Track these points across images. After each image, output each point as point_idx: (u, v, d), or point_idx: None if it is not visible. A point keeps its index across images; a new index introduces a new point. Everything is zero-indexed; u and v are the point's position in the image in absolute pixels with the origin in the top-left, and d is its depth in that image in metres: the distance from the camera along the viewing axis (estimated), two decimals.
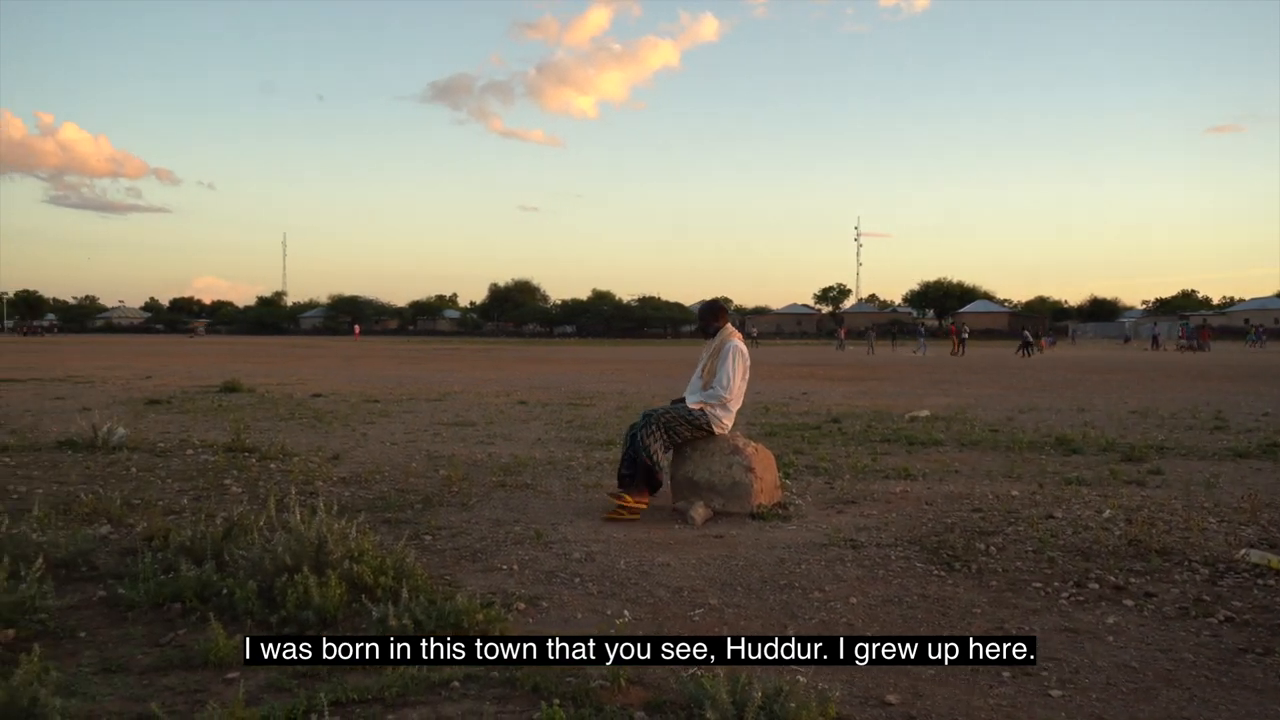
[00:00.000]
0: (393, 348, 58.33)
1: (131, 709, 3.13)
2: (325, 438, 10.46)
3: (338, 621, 3.99)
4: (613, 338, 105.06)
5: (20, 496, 6.73)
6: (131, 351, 45.34)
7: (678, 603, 4.42)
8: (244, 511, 5.40)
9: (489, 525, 6.00)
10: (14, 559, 4.30)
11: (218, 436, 10.18)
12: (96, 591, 4.49)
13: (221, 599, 4.18)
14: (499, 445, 9.98)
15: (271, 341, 76.42)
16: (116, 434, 9.41)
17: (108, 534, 5.57)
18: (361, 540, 4.45)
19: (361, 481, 7.58)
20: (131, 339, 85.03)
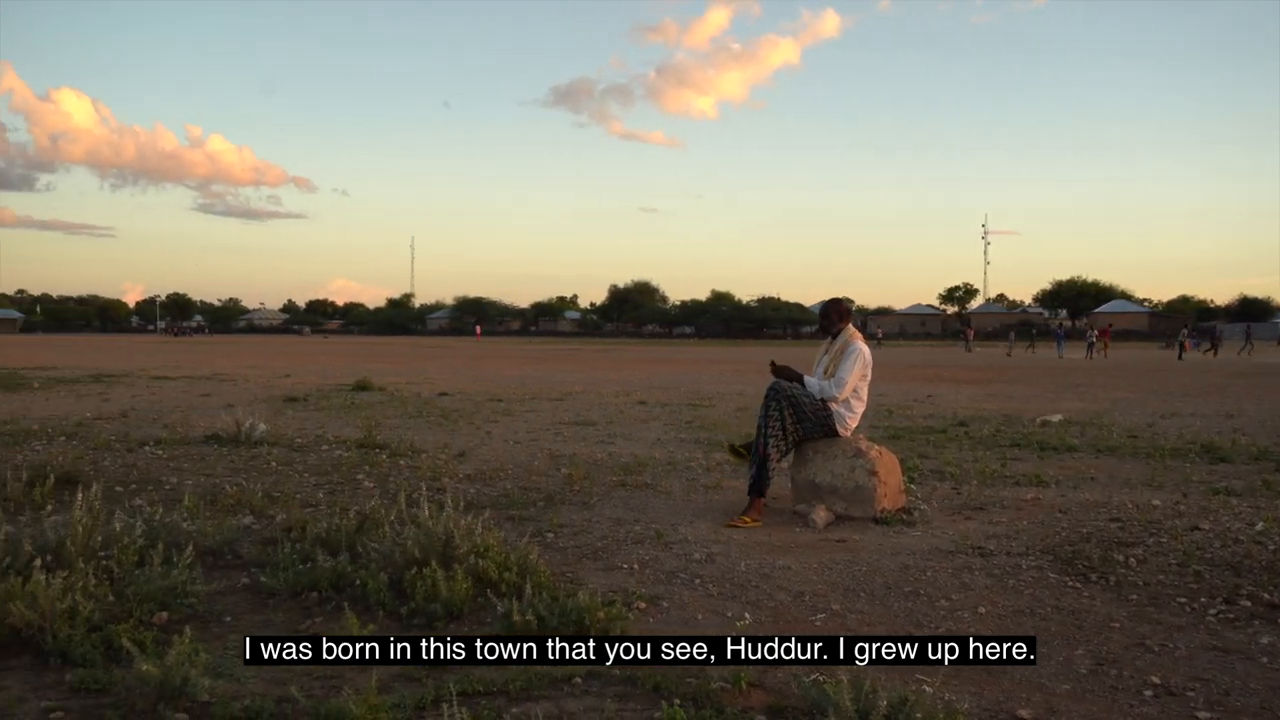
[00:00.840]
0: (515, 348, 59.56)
1: (273, 691, 3.28)
2: (451, 435, 10.74)
3: (464, 615, 4.09)
4: (732, 338, 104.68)
5: (172, 487, 7.13)
6: (270, 351, 47.57)
7: (799, 607, 4.37)
8: (375, 506, 5.59)
9: (610, 524, 6.05)
10: (167, 546, 4.57)
11: (350, 433, 10.58)
12: (240, 579, 4.73)
13: (355, 589, 4.34)
14: (619, 445, 10.06)
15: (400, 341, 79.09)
16: (258, 430, 9.89)
17: (250, 524, 5.86)
18: (487, 536, 4.56)
19: (486, 479, 7.76)
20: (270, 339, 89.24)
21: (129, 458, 8.68)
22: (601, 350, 56.42)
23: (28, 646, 3.64)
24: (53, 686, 3.35)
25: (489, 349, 56.86)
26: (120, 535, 4.63)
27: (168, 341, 72.81)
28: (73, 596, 3.79)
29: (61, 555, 4.30)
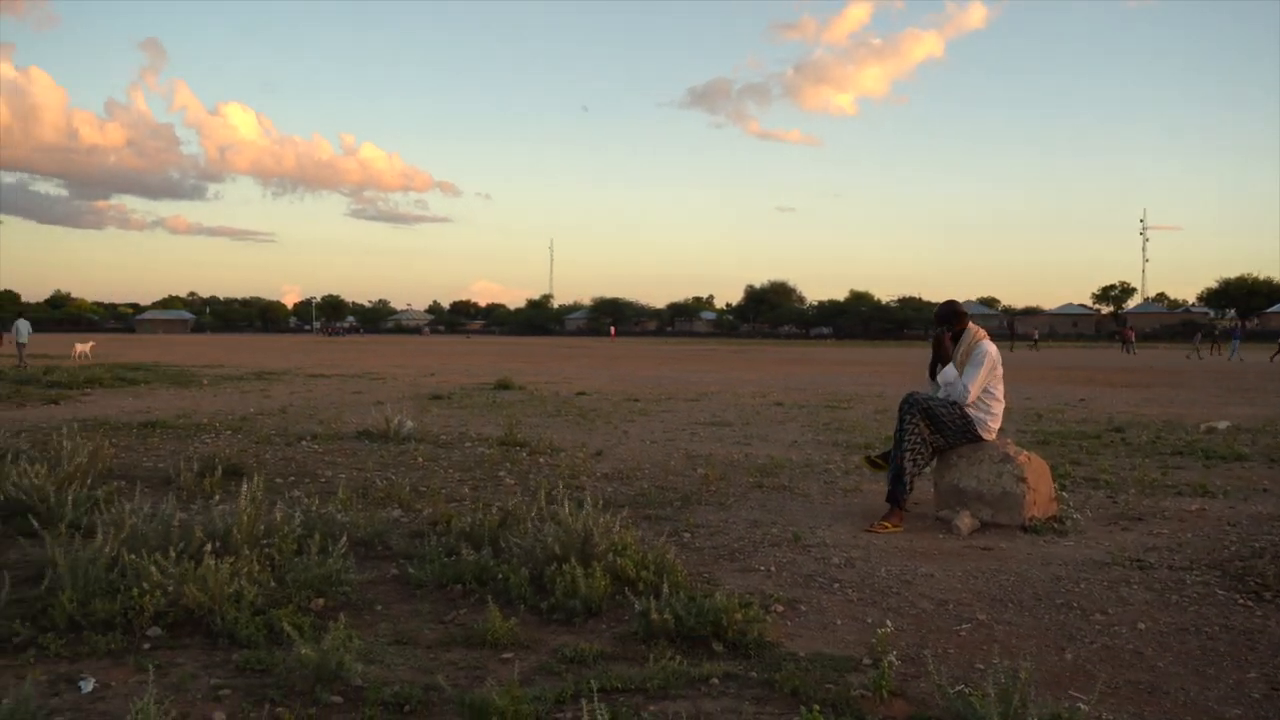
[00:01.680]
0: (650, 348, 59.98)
1: (420, 679, 3.40)
2: (589, 434, 10.90)
3: (602, 612, 4.14)
4: (871, 339, 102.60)
5: (326, 480, 7.49)
6: (416, 350, 49.35)
7: (943, 615, 4.24)
8: (517, 502, 5.73)
9: (746, 526, 6.02)
10: (323, 536, 4.79)
11: (492, 431, 10.87)
12: (390, 570, 4.92)
13: (497, 583, 4.45)
14: (755, 446, 10.00)
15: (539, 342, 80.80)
16: (405, 426, 10.29)
17: (399, 517, 6.09)
18: (624, 535, 4.61)
19: (623, 478, 7.84)
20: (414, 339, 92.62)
21: (288, 451, 9.16)
22: (737, 351, 56.20)
23: (199, 627, 3.89)
24: (221, 665, 3.57)
25: (625, 349, 57.44)
26: (281, 525, 4.89)
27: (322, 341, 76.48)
28: (239, 581, 4.03)
29: (228, 542, 4.57)
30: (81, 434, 8.85)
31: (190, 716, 3.09)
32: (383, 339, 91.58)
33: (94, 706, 3.17)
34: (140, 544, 4.39)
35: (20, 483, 5.87)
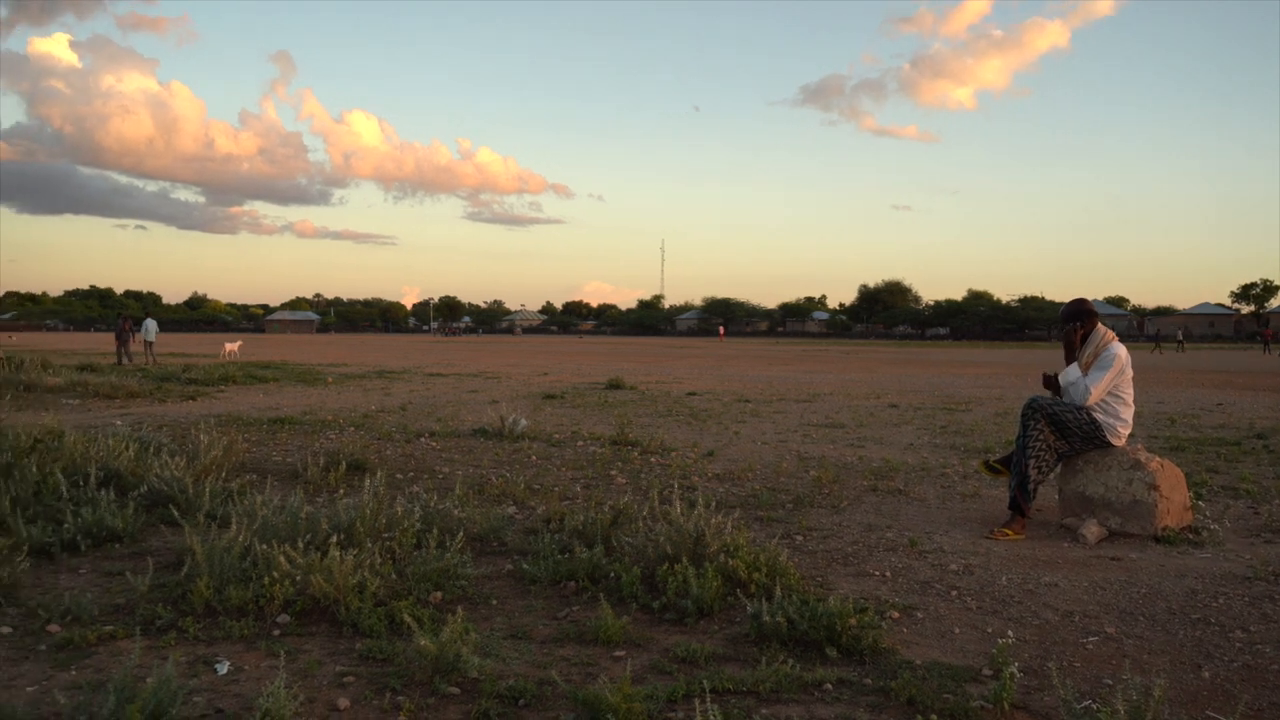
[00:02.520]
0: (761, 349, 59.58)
1: (534, 674, 3.45)
2: (700, 434, 10.89)
3: (714, 613, 4.13)
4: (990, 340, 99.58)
5: (444, 476, 7.68)
6: (529, 350, 50.20)
7: (1068, 627, 4.08)
8: (628, 501, 5.76)
9: (860, 529, 5.92)
10: (441, 531, 4.92)
11: (604, 430, 10.97)
12: (505, 565, 5.01)
13: (609, 581, 4.49)
14: (870, 448, 9.83)
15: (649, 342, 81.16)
16: (519, 425, 10.47)
17: (513, 514, 6.20)
18: (736, 536, 4.58)
19: (734, 478, 7.80)
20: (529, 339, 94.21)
21: (407, 448, 9.43)
22: (850, 351, 55.34)
23: (325, 615, 4.04)
24: (345, 653, 3.70)
25: (736, 349, 57.21)
26: (401, 519, 5.04)
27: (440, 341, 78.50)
28: (362, 573, 4.17)
29: (352, 535, 4.74)
30: (217, 429, 9.31)
31: (316, 701, 3.21)
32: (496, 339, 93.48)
33: (229, 688, 3.32)
34: (270, 534, 4.59)
35: (162, 474, 6.20)
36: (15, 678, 3.40)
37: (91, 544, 5.15)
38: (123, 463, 6.56)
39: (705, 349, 57.98)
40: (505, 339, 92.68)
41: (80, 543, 5.11)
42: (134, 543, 5.31)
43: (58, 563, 4.90)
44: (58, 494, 5.83)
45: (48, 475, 6.02)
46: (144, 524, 5.60)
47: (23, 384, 15.82)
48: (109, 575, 4.69)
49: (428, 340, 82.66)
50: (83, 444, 6.88)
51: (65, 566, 4.85)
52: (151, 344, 30.37)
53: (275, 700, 2.94)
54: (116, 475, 6.35)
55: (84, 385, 16.05)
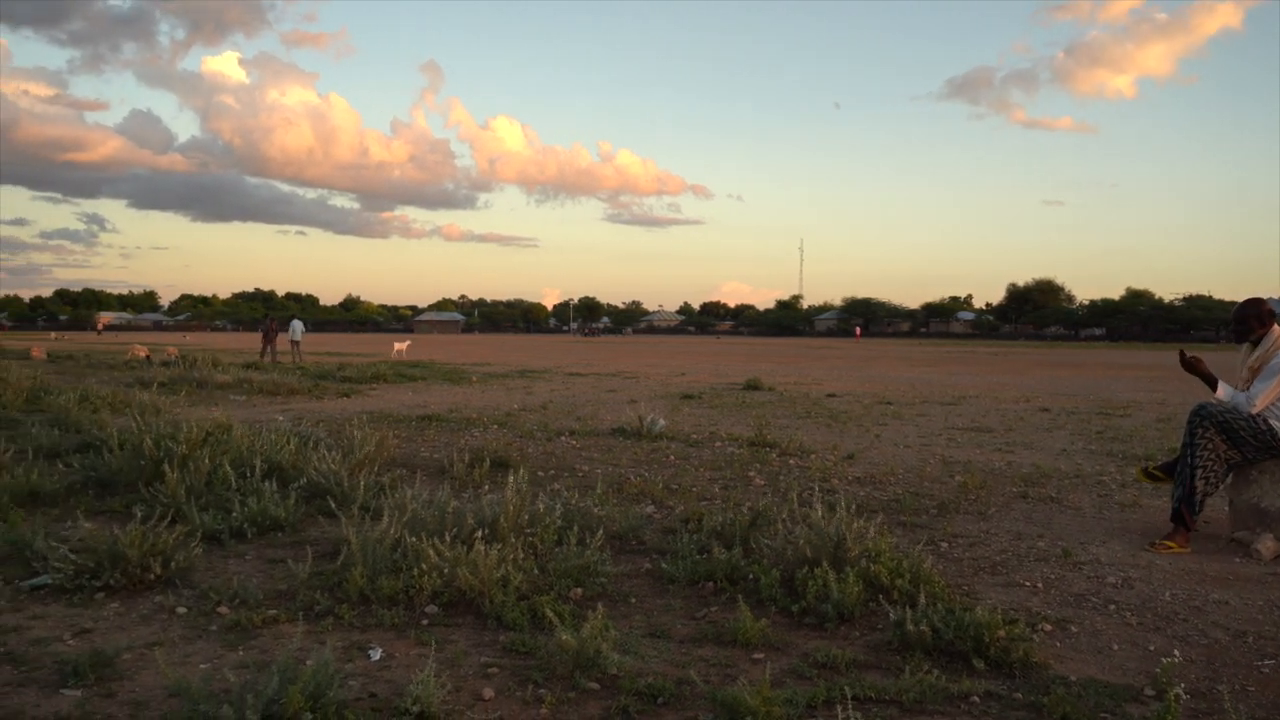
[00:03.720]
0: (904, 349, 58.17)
1: (673, 673, 3.46)
2: (840, 437, 10.72)
3: (855, 619, 4.05)
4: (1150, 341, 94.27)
5: (584, 475, 7.80)
6: (667, 350, 50.46)
7: (1239, 648, 3.82)
8: (767, 503, 5.72)
9: (1009, 538, 5.70)
10: (581, 528, 5.01)
11: (742, 431, 10.92)
12: (643, 564, 5.05)
13: (748, 583, 4.47)
14: (1019, 453, 9.45)
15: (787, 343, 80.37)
16: (658, 424, 10.54)
17: (651, 513, 6.24)
18: (878, 541, 4.49)
19: (876, 482, 7.64)
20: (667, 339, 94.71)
21: (548, 446, 9.62)
22: (998, 353, 53.38)
23: (470, 607, 4.17)
24: (489, 645, 3.80)
25: (876, 350, 56.01)
26: (543, 516, 5.15)
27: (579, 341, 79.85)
28: (505, 567, 4.28)
29: (496, 530, 4.87)
30: (369, 425, 9.72)
31: (463, 690, 3.31)
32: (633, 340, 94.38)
33: (381, 674, 3.46)
34: (419, 528, 4.76)
35: (320, 468, 6.52)
36: (190, 655, 3.63)
37: (256, 532, 5.46)
38: (284, 456, 6.93)
39: (844, 350, 57.02)
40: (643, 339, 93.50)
41: (247, 531, 5.43)
42: (294, 532, 5.60)
43: (226, 549, 5.22)
44: (227, 484, 6.21)
45: (218, 467, 6.42)
46: (303, 514, 5.90)
47: (196, 381, 16.95)
48: (272, 562, 4.96)
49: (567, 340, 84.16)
50: (249, 438, 7.30)
51: (233, 553, 5.16)
52: (298, 343, 31.99)
53: (425, 688, 3.05)
54: (279, 468, 6.72)
55: (249, 382, 17.06)
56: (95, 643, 3.72)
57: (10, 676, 3.39)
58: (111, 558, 4.40)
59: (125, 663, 3.52)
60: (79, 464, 7.07)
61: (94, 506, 6.13)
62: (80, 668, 3.38)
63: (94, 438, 8.09)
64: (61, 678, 3.35)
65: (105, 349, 37.89)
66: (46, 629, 3.90)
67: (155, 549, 4.48)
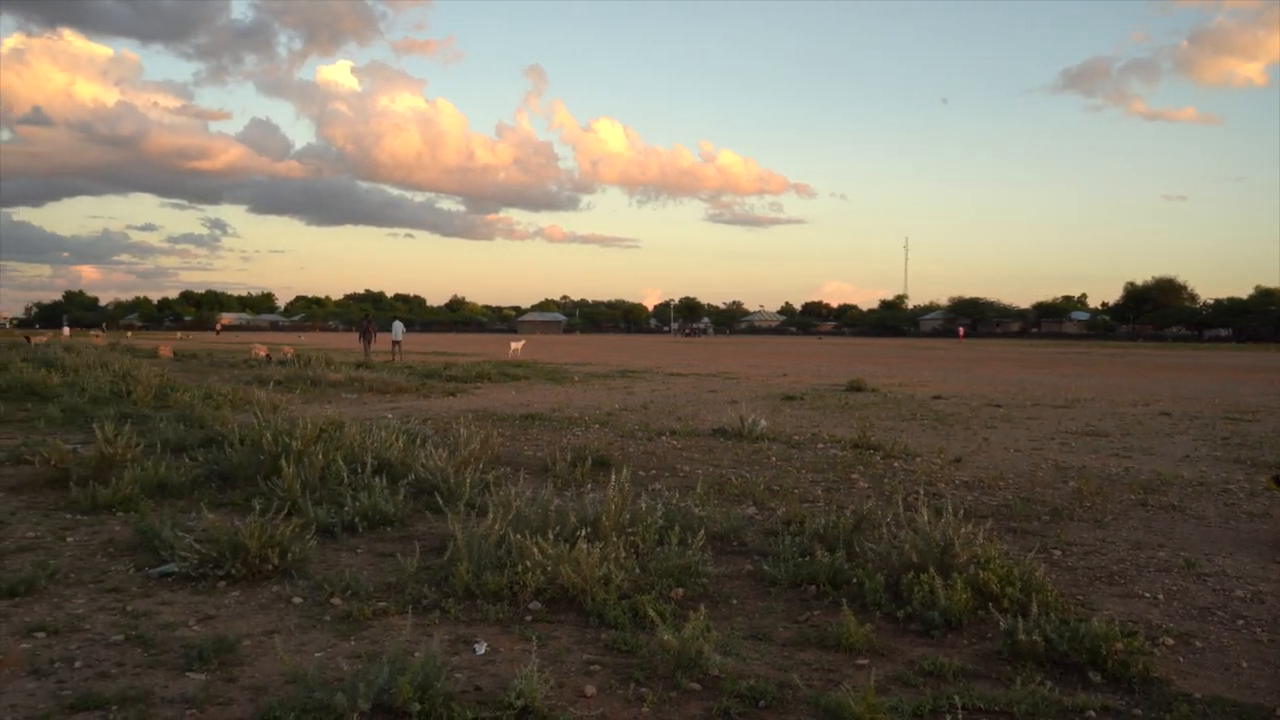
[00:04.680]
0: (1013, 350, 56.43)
1: (774, 676, 3.43)
2: (946, 440, 10.46)
3: (963, 626, 3.95)
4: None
5: (684, 475, 7.79)
6: (768, 351, 50.08)
7: None
8: (871, 506, 5.62)
9: (1127, 547, 5.47)
10: (682, 528, 5.01)
11: (844, 432, 10.76)
12: (744, 565, 5.02)
13: (851, 587, 4.40)
14: (1137, 459, 9.07)
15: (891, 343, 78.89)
16: (759, 425, 10.47)
17: (753, 514, 6.20)
18: (988, 547, 4.37)
19: (984, 487, 7.43)
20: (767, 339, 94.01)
21: (649, 445, 9.65)
22: (1114, 354, 51.35)
23: (572, 605, 4.21)
24: (591, 642, 3.83)
25: (984, 351, 54.52)
26: (644, 515, 5.17)
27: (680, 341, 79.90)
28: (607, 566, 4.31)
29: (598, 529, 4.91)
30: (474, 424, 9.91)
31: (565, 686, 3.35)
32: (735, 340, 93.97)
33: (485, 668, 3.53)
34: (523, 525, 4.84)
35: (427, 465, 6.69)
36: (305, 644, 3.77)
37: (367, 526, 5.63)
38: (393, 453, 7.13)
39: (950, 350, 55.65)
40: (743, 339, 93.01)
41: (358, 525, 5.60)
42: (403, 527, 5.76)
43: (339, 542, 5.40)
44: (339, 479, 6.42)
45: (331, 462, 6.64)
46: (411, 510, 6.05)
47: (310, 379, 17.57)
48: (382, 556, 5.11)
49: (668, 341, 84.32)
50: (360, 435, 7.53)
51: (345, 546, 5.33)
52: (399, 343, 32.91)
53: (528, 683, 3.10)
54: (388, 464, 6.91)
55: (360, 381, 17.60)
56: (218, 629, 3.89)
57: (141, 659, 3.57)
58: (233, 548, 4.60)
59: (245, 649, 3.67)
60: (203, 458, 7.41)
61: (216, 499, 6.42)
62: (204, 652, 3.54)
63: (216, 433, 8.47)
64: (187, 661, 3.52)
65: (225, 348, 39.62)
66: (173, 614, 4.10)
67: (273, 541, 4.66)
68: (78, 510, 6.09)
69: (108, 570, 4.78)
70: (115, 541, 5.35)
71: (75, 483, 6.50)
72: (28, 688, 3.31)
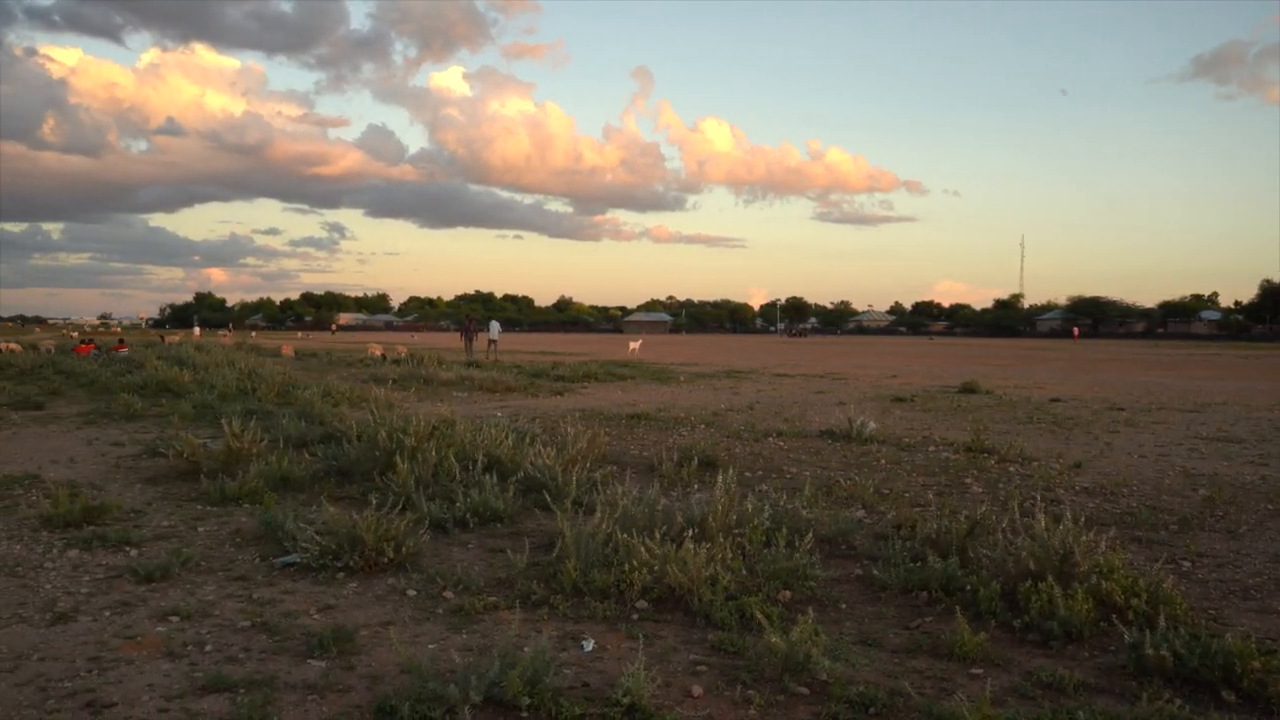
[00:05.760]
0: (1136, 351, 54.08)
1: (885, 683, 3.37)
2: (1065, 444, 10.09)
3: (1084, 638, 3.81)
4: None
5: (791, 477, 7.72)
6: (878, 352, 49.20)
7: None
8: (985, 511, 5.46)
9: (1264, 559, 5.18)
10: (789, 530, 4.95)
11: (957, 435, 10.49)
12: (853, 569, 4.94)
13: (965, 594, 4.28)
14: (1275, 467, 8.58)
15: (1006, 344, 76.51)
16: (868, 427, 10.29)
17: (862, 518, 6.10)
18: (1111, 556, 4.19)
19: (1106, 494, 7.14)
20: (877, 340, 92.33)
21: (755, 446, 9.59)
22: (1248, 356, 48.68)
23: (679, 605, 4.21)
24: (697, 642, 3.83)
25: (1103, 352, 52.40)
26: (751, 516, 5.14)
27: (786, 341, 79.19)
28: (714, 566, 4.30)
29: (704, 529, 4.90)
30: (581, 423, 10.02)
31: (672, 686, 3.35)
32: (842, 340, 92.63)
33: (593, 665, 3.56)
34: (630, 524, 4.86)
35: (536, 463, 6.79)
36: (419, 635, 3.87)
37: (478, 522, 5.75)
38: (503, 451, 7.26)
39: (1069, 352, 53.67)
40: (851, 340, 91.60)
41: (469, 520, 5.73)
42: (512, 523, 5.86)
43: (450, 536, 5.52)
44: (451, 476, 6.58)
45: (443, 459, 6.80)
46: (520, 507, 6.15)
47: (423, 378, 18.04)
48: (492, 551, 5.21)
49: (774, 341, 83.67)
50: (470, 432, 7.70)
51: (456, 541, 5.46)
52: (495, 342, 33.68)
53: (635, 681, 3.11)
54: (498, 462, 7.04)
55: (470, 380, 17.99)
56: (337, 619, 4.03)
57: (266, 644, 3.73)
58: (351, 541, 4.76)
59: (363, 638, 3.79)
60: (322, 453, 7.69)
61: (335, 493, 6.65)
62: (325, 641, 3.67)
63: (335, 430, 8.77)
64: (308, 648, 3.66)
65: (343, 347, 41.03)
66: (295, 603, 4.26)
67: (388, 535, 4.81)
68: (208, 501, 6.39)
69: (235, 559, 5.01)
70: (242, 532, 5.60)
71: (205, 475, 6.84)
72: (163, 668, 3.49)
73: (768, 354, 42.64)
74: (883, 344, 72.89)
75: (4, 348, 25.96)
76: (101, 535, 5.38)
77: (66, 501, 5.85)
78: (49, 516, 5.71)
